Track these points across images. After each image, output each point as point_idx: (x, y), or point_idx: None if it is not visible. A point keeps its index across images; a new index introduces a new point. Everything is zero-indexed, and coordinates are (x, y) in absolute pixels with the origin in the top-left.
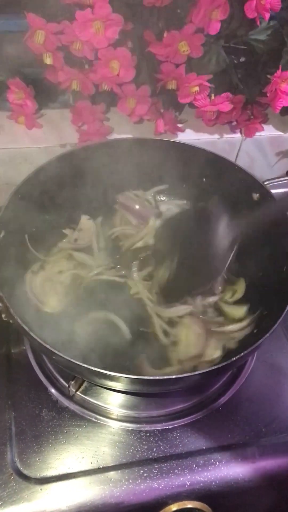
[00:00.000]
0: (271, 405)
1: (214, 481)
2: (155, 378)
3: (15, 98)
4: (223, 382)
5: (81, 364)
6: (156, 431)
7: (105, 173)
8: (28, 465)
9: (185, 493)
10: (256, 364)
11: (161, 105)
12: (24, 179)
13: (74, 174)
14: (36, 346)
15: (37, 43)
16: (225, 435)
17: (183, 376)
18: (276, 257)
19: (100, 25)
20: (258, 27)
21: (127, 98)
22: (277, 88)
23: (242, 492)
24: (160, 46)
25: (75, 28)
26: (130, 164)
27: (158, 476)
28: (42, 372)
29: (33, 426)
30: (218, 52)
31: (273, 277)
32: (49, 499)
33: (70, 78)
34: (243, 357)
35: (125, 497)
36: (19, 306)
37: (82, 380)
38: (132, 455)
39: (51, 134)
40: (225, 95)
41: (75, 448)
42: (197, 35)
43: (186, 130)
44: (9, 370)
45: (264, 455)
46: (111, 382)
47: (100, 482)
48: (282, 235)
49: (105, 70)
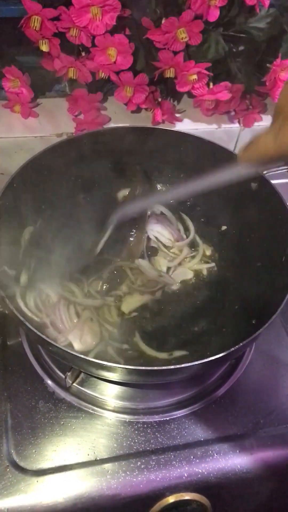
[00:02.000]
0: (270, 396)
1: (212, 472)
2: (152, 369)
3: (10, 86)
4: (221, 373)
5: (78, 354)
6: (154, 423)
7: (102, 163)
8: (24, 457)
9: (182, 484)
10: (254, 355)
11: (159, 94)
12: (19, 168)
13: (71, 163)
14: (33, 337)
15: (33, 29)
16: (223, 427)
17: (180, 367)
18: (275, 248)
19: (97, 11)
20: (257, 15)
21: (124, 86)
22: (276, 77)
23: (240, 483)
24: (158, 33)
25: (72, 14)
26: (127, 153)
27: (155, 468)
28: (39, 363)
29: (29, 417)
30: (217, 39)
31: (272, 268)
32: (46, 491)
33: (66, 65)
34: (241, 347)
35: (122, 489)
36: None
37: (79, 371)
38: (129, 446)
39: (47, 123)
40: (223, 84)
41: (71, 440)
42: (196, 22)
43: (184, 120)
44: (5, 362)
45: (262, 447)
46: (107, 373)
47: (97, 474)
48: (282, 223)
49: (102, 58)
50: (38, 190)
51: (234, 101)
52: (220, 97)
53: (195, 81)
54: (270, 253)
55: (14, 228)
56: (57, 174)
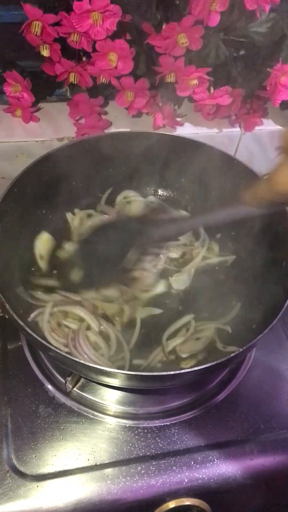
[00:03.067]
0: (270, 402)
1: (212, 478)
2: (152, 374)
3: (12, 91)
4: (222, 379)
5: (78, 360)
6: (154, 428)
7: (103, 168)
8: (24, 462)
9: (183, 490)
10: (254, 361)
11: (159, 99)
12: (20, 173)
13: (72, 168)
14: (33, 342)
15: (34, 35)
16: (223, 432)
17: (180, 372)
18: (275, 252)
19: (98, 16)
20: (258, 20)
21: (125, 91)
22: (277, 82)
23: (240, 489)
24: (159, 38)
25: (73, 19)
26: (127, 158)
27: (155, 473)
28: (39, 368)
29: (30, 422)
30: (218, 44)
31: (273, 273)
32: (46, 496)
33: (67, 70)
34: (241, 353)
35: (123, 494)
36: (15, 302)
37: (79, 376)
38: (129, 452)
39: (48, 128)
40: (224, 88)
41: (72, 445)
42: (196, 27)
43: (184, 124)
44: (5, 366)
45: (263, 452)
46: (107, 378)
47: (97, 479)
48: (283, 230)
49: (103, 63)
50: (39, 194)
51: (234, 106)
52: (221, 102)
53: (196, 85)
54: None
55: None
56: (58, 178)
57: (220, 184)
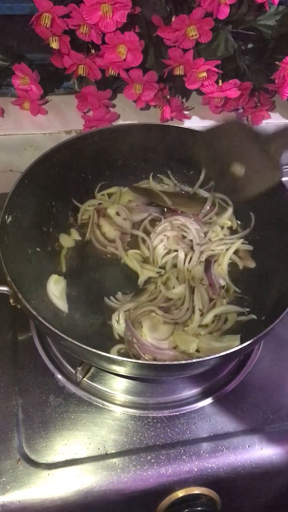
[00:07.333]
0: (279, 392)
1: (221, 467)
2: (163, 364)
3: (20, 84)
4: (231, 369)
5: (90, 349)
6: (164, 418)
7: (111, 159)
8: (35, 451)
9: (192, 479)
10: (263, 351)
11: (167, 91)
12: (30, 165)
13: (81, 160)
14: (44, 332)
15: (44, 27)
16: (232, 422)
17: (190, 362)
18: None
19: (108, 8)
20: (267, 12)
21: (134, 83)
22: (285, 75)
23: (249, 478)
24: (168, 31)
25: (83, 11)
26: (135, 149)
27: (165, 462)
28: (49, 358)
29: (40, 412)
30: (226, 37)
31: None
32: (56, 484)
33: (76, 63)
34: (251, 344)
35: (132, 483)
36: (27, 291)
37: (89, 366)
38: (139, 441)
39: (56, 120)
40: (232, 81)
41: (82, 434)
42: (206, 20)
43: (192, 117)
44: (15, 357)
45: (272, 442)
46: (118, 367)
47: (107, 468)
48: None
49: (112, 55)
50: (48, 187)
51: (242, 99)
52: (229, 95)
53: (205, 78)
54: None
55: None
56: (67, 171)
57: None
